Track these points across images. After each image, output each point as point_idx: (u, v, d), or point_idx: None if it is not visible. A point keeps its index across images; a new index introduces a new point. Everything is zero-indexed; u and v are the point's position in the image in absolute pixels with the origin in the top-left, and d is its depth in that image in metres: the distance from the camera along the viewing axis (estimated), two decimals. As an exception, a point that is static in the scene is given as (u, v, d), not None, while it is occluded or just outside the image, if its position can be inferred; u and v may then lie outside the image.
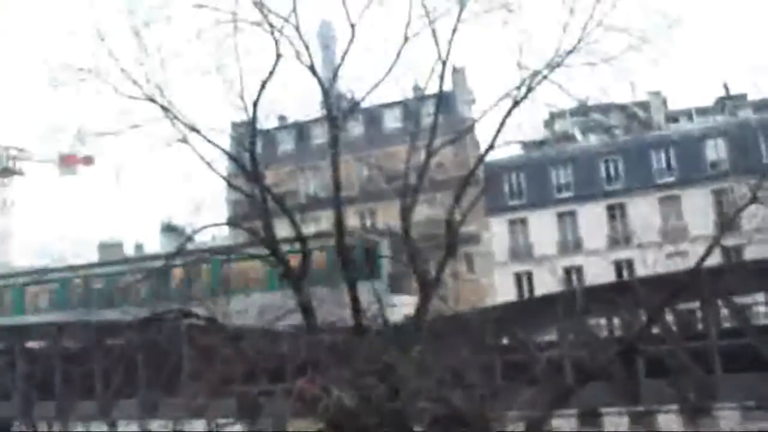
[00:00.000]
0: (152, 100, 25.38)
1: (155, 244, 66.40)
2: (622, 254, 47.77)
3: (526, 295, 50.18)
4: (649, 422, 49.54)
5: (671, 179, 53.08)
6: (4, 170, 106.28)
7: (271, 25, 24.83)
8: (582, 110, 51.44)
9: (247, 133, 27.26)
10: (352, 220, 49.96)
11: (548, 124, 63.31)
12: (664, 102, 66.20)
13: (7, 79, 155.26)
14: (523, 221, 53.65)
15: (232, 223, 36.63)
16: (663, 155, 53.90)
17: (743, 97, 66.36)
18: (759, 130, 52.18)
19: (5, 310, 42.73)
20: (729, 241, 28.26)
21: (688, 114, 72.56)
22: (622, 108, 59.54)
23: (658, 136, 55.65)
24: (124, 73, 25.21)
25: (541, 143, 52.27)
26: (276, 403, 22.64)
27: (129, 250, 72.27)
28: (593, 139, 61.45)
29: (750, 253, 28.34)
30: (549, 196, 53.25)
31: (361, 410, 20.59)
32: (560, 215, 52.55)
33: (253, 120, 26.18)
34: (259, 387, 21.48)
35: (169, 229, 44.38)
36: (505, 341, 28.73)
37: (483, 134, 29.20)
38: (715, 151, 54.10)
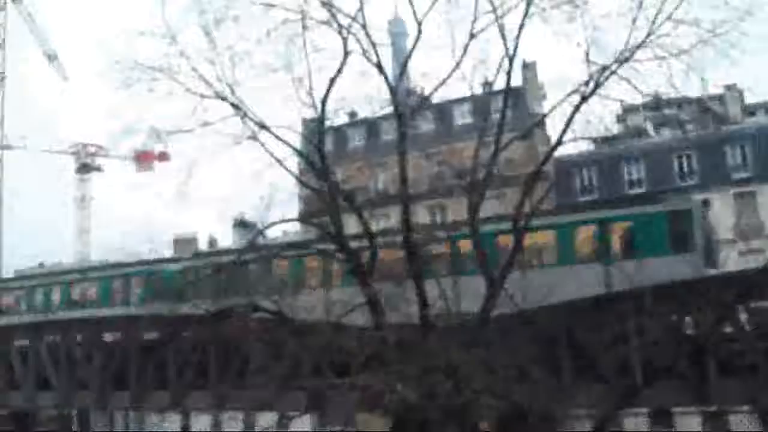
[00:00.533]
0: (223, 99, 25.85)
1: (228, 239, 67.45)
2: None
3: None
4: (720, 423, 48.84)
5: (747, 175, 52.00)
6: (83, 167, 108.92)
7: (339, 24, 25.05)
8: (655, 105, 50.45)
9: (316, 130, 27.57)
10: (422, 216, 50.05)
11: (621, 119, 62.65)
12: (741, 95, 64.60)
13: (84, 78, 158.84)
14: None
15: (302, 219, 36.98)
16: (738, 150, 52.90)
17: (825, 89, 64.75)
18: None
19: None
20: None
21: (766, 108, 70.98)
22: (697, 102, 58.34)
23: (734, 131, 54.46)
24: (195, 72, 25.76)
25: (613, 138, 51.54)
26: (342, 397, 22.81)
27: (203, 245, 73.60)
28: (666, 134, 60.57)
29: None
30: (620, 193, 52.73)
31: (425, 406, 20.69)
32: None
33: (322, 117, 26.45)
34: (326, 381, 21.65)
35: (241, 224, 44.94)
36: (572, 338, 28.55)
37: (554, 130, 28.92)
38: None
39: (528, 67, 53.24)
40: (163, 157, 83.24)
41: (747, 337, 24.77)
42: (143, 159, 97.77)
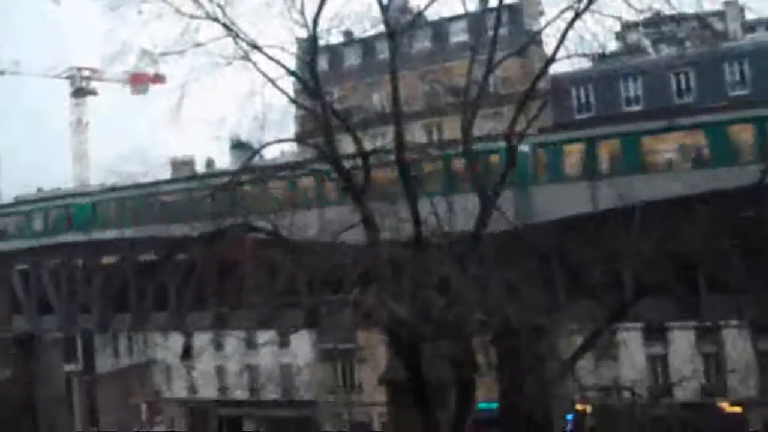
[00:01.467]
0: (214, 19, 25.69)
1: (225, 160, 67.45)
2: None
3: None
4: (714, 338, 49.67)
5: (745, 92, 51.71)
6: (78, 90, 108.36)
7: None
8: (654, 22, 49.98)
9: (309, 49, 27.46)
10: (418, 135, 50.01)
11: (619, 36, 61.98)
12: (741, 11, 63.87)
13: (75, 1, 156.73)
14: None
15: (297, 139, 37.11)
16: (737, 67, 52.55)
17: (827, 4, 63.95)
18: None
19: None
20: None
21: (767, 25, 70.16)
22: (696, 18, 57.77)
23: (732, 47, 53.97)
24: (184, -9, 25.56)
25: (610, 56, 51.16)
26: (337, 314, 23.24)
27: (200, 167, 73.62)
28: (664, 52, 60.03)
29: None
30: (617, 110, 52.53)
31: (417, 322, 21.09)
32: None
33: (314, 36, 26.32)
34: (320, 298, 22.03)
35: (238, 146, 44.94)
36: (564, 255, 28.85)
37: (550, 49, 28.77)
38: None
39: (525, -17, 52.58)
40: (158, 79, 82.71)
41: (736, 252, 24.92)
42: (137, 81, 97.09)
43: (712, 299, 28.36)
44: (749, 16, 64.71)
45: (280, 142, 30.22)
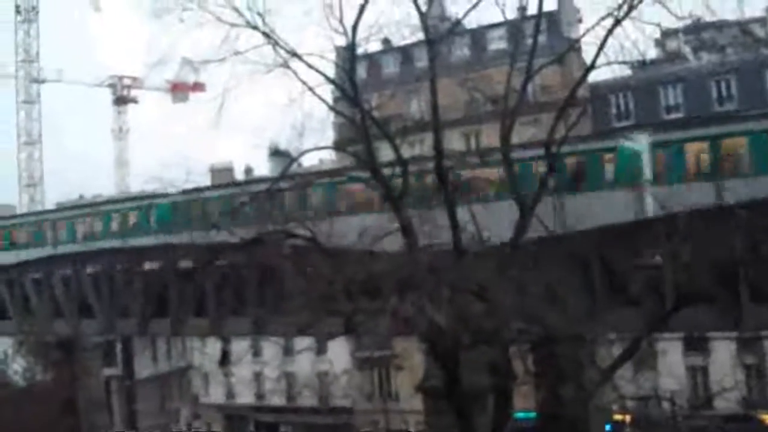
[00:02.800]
0: (254, 27, 25.85)
1: (264, 168, 67.81)
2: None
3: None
4: (755, 349, 48.96)
5: (788, 101, 51.05)
6: (119, 99, 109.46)
7: (367, -54, 24.87)
8: (694, 29, 49.52)
9: (348, 57, 27.56)
10: (456, 143, 49.97)
11: (659, 43, 61.52)
12: (785, 18, 63.09)
13: (117, 9, 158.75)
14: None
15: (335, 146, 37.17)
16: (779, 74, 51.90)
17: None
18: None
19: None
20: None
21: (811, 30, 69.33)
22: (738, 25, 57.19)
23: (774, 55, 53.41)
24: (225, 1, 25.78)
25: (650, 63, 50.75)
26: (375, 322, 23.21)
27: (239, 175, 74.17)
28: (705, 59, 59.50)
29: None
30: (657, 118, 52.04)
31: (455, 329, 21.03)
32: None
33: (353, 44, 26.41)
34: (359, 305, 22.01)
35: (276, 153, 45.15)
36: (604, 263, 28.68)
37: (589, 56, 28.70)
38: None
39: (562, -9, 52.49)
40: (198, 87, 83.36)
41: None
42: (178, 90, 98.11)
43: (754, 309, 27.98)
44: (792, 23, 63.81)
45: (318, 150, 30.26)
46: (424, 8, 25.95)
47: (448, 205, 25.08)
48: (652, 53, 53.00)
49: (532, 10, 27.74)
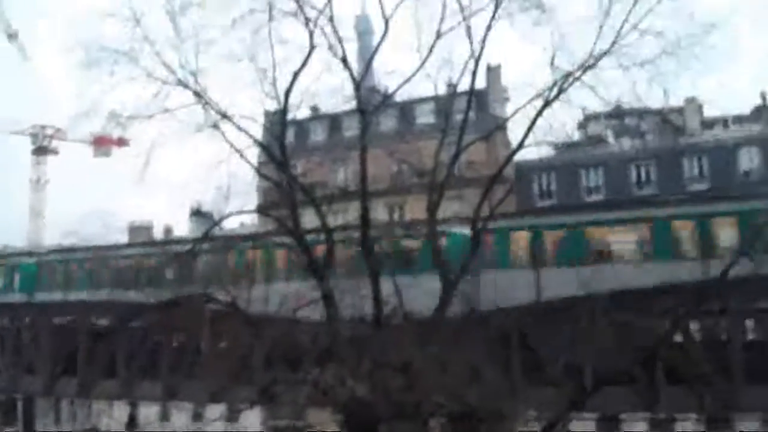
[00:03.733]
0: (185, 86, 25.59)
1: (184, 228, 66.87)
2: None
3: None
4: (668, 429, 49.38)
5: (703, 187, 52.53)
6: (39, 149, 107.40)
7: (306, 16, 24.95)
8: (616, 114, 50.90)
9: (278, 122, 27.43)
10: (381, 213, 49.99)
11: (582, 126, 63.02)
12: (700, 108, 65.39)
13: (44, 59, 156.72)
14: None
15: (259, 210, 36.77)
16: (696, 162, 53.44)
17: (781, 107, 65.55)
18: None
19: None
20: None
21: (724, 122, 71.76)
22: (657, 113, 59.02)
23: (692, 143, 55.01)
24: (158, 57, 25.50)
25: (573, 145, 51.86)
26: (293, 392, 22.72)
27: (158, 234, 72.90)
28: (626, 143, 61.08)
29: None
30: (579, 199, 53.03)
31: (376, 402, 20.68)
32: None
33: (284, 109, 26.30)
34: (278, 374, 21.55)
35: (198, 214, 44.65)
36: (524, 341, 28.73)
37: (515, 134, 29.18)
38: (749, 160, 53.60)
39: (492, 70, 53.19)
40: (122, 142, 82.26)
41: (697, 346, 24.99)
42: (101, 143, 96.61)
43: (669, 391, 28.29)
44: (708, 113, 66.19)
45: (242, 214, 29.93)
46: (358, 78, 26.05)
47: (372, 275, 24.83)
48: (575, 135, 54.35)
49: (461, 86, 27.97)
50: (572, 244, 32.04)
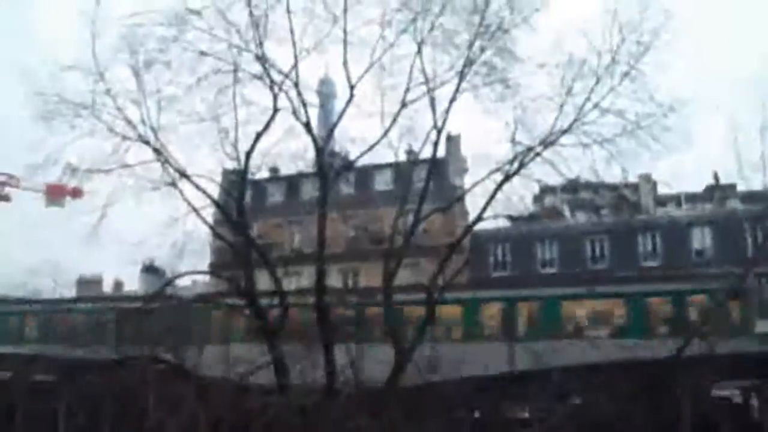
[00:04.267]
0: (145, 142, 25.40)
1: (134, 283, 65.81)
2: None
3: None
4: None
5: (656, 263, 53.01)
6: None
7: (272, 80, 24.96)
8: (572, 187, 51.47)
9: (237, 182, 27.25)
10: (334, 279, 49.56)
11: (538, 198, 63.60)
12: (654, 186, 66.37)
13: (2, 104, 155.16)
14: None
15: (213, 272, 36.32)
16: (649, 239, 54.01)
17: (732, 187, 66.61)
18: (746, 221, 52.41)
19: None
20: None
21: (677, 200, 72.85)
22: (612, 188, 59.74)
23: (646, 220, 55.73)
24: (119, 112, 25.30)
25: (528, 217, 52.22)
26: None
27: (107, 288, 71.61)
28: (581, 217, 61.65)
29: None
30: (533, 271, 53.21)
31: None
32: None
33: (245, 171, 26.16)
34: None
35: (150, 270, 43.94)
36: (476, 414, 28.42)
37: (472, 203, 29.32)
38: (702, 239, 54.31)
39: (452, 140, 53.34)
40: (76, 192, 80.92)
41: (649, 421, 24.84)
42: (55, 193, 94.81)
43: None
44: (661, 190, 67.14)
45: (196, 274, 29.52)
46: (321, 143, 26.01)
47: (326, 342, 24.50)
48: (529, 208, 54.72)
49: (420, 154, 28.08)
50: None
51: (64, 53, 25.24)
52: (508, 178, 25.01)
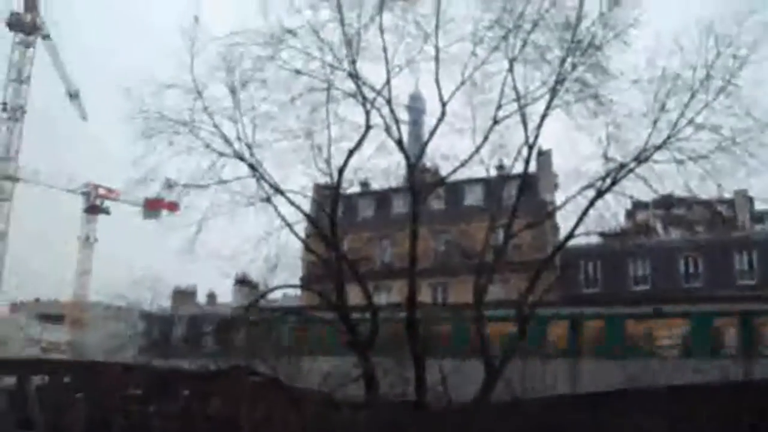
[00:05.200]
0: (241, 158, 25.96)
1: (228, 295, 66.95)
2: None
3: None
4: None
5: (752, 282, 51.62)
6: (91, 208, 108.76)
7: (364, 97, 25.28)
8: (665, 203, 50.52)
9: (330, 198, 27.59)
10: (424, 294, 49.59)
11: (630, 214, 62.60)
12: (751, 202, 64.71)
13: (101, 118, 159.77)
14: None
15: (304, 286, 36.81)
16: (746, 257, 52.68)
17: (834, 202, 64.67)
18: None
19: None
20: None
21: (775, 216, 70.99)
22: (706, 204, 58.38)
23: (742, 237, 54.36)
24: (216, 129, 25.90)
25: (621, 234, 51.43)
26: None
27: (201, 299, 73.04)
28: (674, 234, 60.48)
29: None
30: (625, 289, 52.35)
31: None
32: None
33: (338, 187, 26.50)
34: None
35: (243, 283, 44.64)
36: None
37: (563, 219, 29.10)
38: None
39: (543, 156, 53.07)
40: (173, 206, 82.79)
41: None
42: (152, 206, 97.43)
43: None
44: (758, 206, 65.36)
45: (288, 288, 29.95)
46: (413, 160, 26.18)
47: (416, 358, 24.59)
48: (621, 223, 53.77)
49: (511, 169, 28.01)
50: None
51: (164, 72, 26.00)
52: (600, 194, 24.77)
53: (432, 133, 26.23)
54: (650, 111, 24.24)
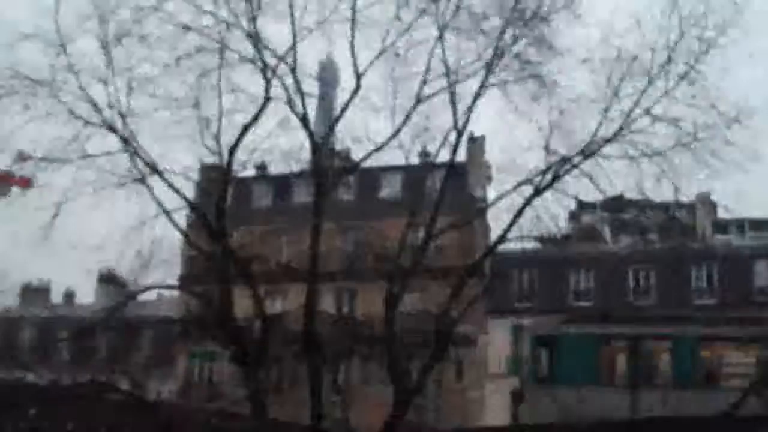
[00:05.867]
0: (112, 129, 25.31)
1: (89, 295, 65.69)
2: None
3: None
4: None
5: (710, 302, 52.70)
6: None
7: (264, 63, 24.99)
8: (614, 206, 51.31)
9: (218, 182, 27.16)
10: (326, 301, 49.46)
11: (573, 217, 63.49)
12: (714, 208, 66.20)
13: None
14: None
15: (183, 286, 36.42)
16: (705, 271, 53.69)
17: (809, 213, 66.54)
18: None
19: None
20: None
21: (740, 226, 72.66)
22: (662, 208, 59.53)
23: (702, 249, 55.37)
24: (83, 92, 25.22)
25: (563, 239, 52.13)
26: None
27: (57, 298, 71.41)
28: (624, 241, 61.52)
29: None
30: (564, 304, 52.84)
31: None
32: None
33: (228, 168, 26.09)
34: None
35: (108, 280, 44.09)
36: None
37: (495, 219, 29.26)
38: (767, 274, 54.01)
39: (474, 143, 53.17)
40: (25, 183, 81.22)
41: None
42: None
43: None
44: (720, 215, 66.85)
45: (163, 288, 29.60)
46: (318, 140, 26.04)
47: (313, 377, 24.58)
48: (565, 228, 54.48)
49: (438, 157, 27.94)
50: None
51: (20, 17, 25.24)
52: (539, 191, 25.04)
53: (344, 110, 26.02)
54: (601, 97, 24.58)
